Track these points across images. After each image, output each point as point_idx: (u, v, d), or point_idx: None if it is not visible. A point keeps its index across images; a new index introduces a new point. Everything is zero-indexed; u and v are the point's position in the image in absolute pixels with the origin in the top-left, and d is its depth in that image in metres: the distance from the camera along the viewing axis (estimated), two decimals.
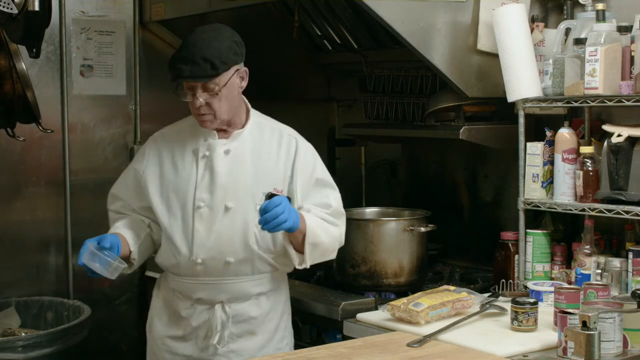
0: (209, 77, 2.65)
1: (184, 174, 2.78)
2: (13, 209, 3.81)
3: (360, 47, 4.02)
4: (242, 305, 2.79)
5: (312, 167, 2.84)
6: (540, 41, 3.21)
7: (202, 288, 2.77)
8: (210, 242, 2.73)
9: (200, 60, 2.63)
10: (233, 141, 2.78)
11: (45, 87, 3.82)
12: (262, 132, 2.83)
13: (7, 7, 3.01)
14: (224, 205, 2.73)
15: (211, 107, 2.69)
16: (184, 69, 2.64)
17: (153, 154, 2.85)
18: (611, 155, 2.87)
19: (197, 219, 2.74)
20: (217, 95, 2.68)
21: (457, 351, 2.50)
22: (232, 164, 2.76)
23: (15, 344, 3.23)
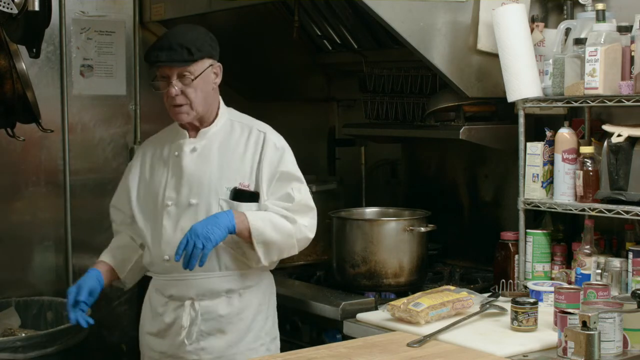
0: (185, 62, 2.71)
1: (158, 175, 2.87)
2: (13, 209, 3.82)
3: (360, 47, 4.02)
4: (211, 302, 2.82)
5: (278, 161, 2.84)
6: (540, 41, 3.21)
7: (173, 285, 2.83)
8: (175, 238, 2.76)
9: (177, 46, 2.71)
10: (201, 139, 2.84)
11: (45, 87, 3.82)
12: (232, 128, 2.88)
13: (7, 7, 3.01)
14: (188, 201, 2.79)
15: (187, 96, 2.74)
16: (161, 54, 2.71)
17: (137, 163, 2.95)
18: (611, 155, 2.87)
19: (165, 217, 2.81)
20: (192, 85, 2.73)
21: (457, 351, 2.50)
22: (198, 161, 2.82)
23: (15, 344, 3.23)
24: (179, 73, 2.72)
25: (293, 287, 3.39)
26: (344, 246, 3.35)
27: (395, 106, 3.73)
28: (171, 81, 2.73)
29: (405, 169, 4.20)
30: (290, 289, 3.31)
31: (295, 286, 3.41)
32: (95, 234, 3.97)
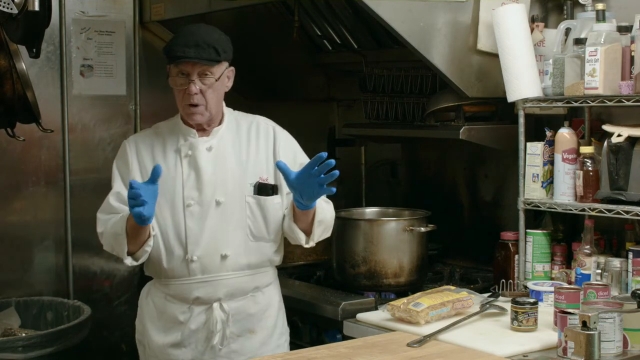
0: (212, 61, 2.68)
1: (169, 174, 2.76)
2: (13, 209, 3.82)
3: (360, 47, 4.02)
4: (240, 302, 2.79)
5: (294, 153, 2.87)
6: (540, 41, 3.21)
7: (198, 287, 2.76)
8: (203, 238, 2.73)
9: (204, 44, 2.67)
10: (213, 138, 2.80)
11: (45, 87, 3.82)
12: (238, 126, 2.86)
13: (7, 7, 3.01)
14: (215, 200, 2.74)
15: (204, 97, 2.71)
16: (188, 51, 2.65)
17: (133, 160, 2.82)
18: (611, 155, 2.87)
19: (189, 217, 2.74)
20: (212, 86, 2.71)
21: (457, 351, 2.50)
22: (216, 160, 2.78)
23: (15, 344, 3.23)
24: (200, 72, 2.69)
25: (293, 287, 3.39)
26: (344, 246, 3.35)
27: (395, 106, 3.73)
28: (192, 79, 2.69)
29: (405, 169, 4.20)
30: (290, 289, 3.31)
31: (295, 286, 3.41)
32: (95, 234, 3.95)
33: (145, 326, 2.88)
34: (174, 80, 2.73)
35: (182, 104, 2.75)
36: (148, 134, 2.89)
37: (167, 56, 2.72)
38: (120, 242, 2.70)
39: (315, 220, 2.74)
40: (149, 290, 2.90)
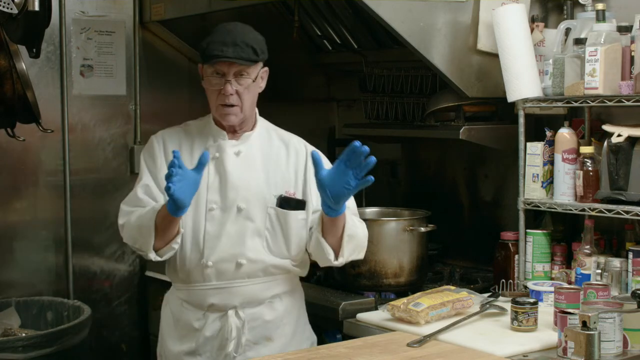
0: (251, 62, 2.62)
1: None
2: (13, 209, 3.81)
3: (360, 47, 4.02)
4: (256, 309, 2.71)
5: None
6: (540, 41, 3.21)
7: (214, 293, 2.68)
8: (220, 243, 2.66)
9: (243, 44, 2.60)
10: (243, 143, 2.73)
11: (45, 87, 3.82)
12: (270, 139, 2.79)
13: (7, 7, 3.01)
14: (236, 206, 2.67)
15: (240, 97, 2.64)
16: (227, 50, 2.58)
17: (160, 154, 2.74)
18: (611, 155, 2.87)
19: (209, 221, 2.67)
20: (248, 87, 2.64)
21: (457, 351, 2.50)
22: (243, 166, 2.70)
23: (15, 344, 3.23)
24: (236, 72, 2.62)
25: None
26: None
27: (395, 106, 3.73)
28: (228, 79, 2.61)
29: (405, 169, 4.20)
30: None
31: None
32: (95, 234, 3.97)
33: (163, 336, 2.82)
34: (209, 81, 2.65)
35: (216, 104, 2.67)
36: (176, 131, 2.81)
37: (204, 55, 2.64)
38: (146, 235, 2.61)
39: (344, 235, 2.63)
40: (168, 298, 2.85)
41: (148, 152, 2.78)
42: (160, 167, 2.71)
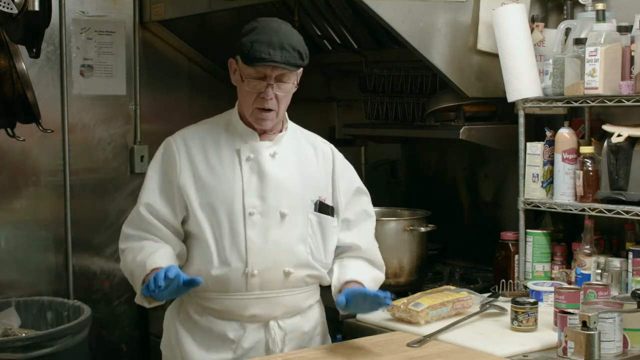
0: (298, 67, 2.48)
1: (226, 177, 2.52)
2: (13, 209, 3.81)
3: (360, 47, 4.02)
4: (295, 319, 2.59)
5: (351, 176, 2.72)
6: (540, 41, 3.21)
7: (256, 303, 2.51)
8: (266, 251, 2.49)
9: (289, 47, 2.43)
10: (277, 144, 2.58)
11: (45, 87, 3.82)
12: (298, 139, 2.66)
13: (7, 7, 3.01)
14: (279, 211, 2.51)
15: (278, 102, 2.49)
16: (275, 53, 2.41)
17: (184, 158, 2.54)
18: (611, 155, 2.87)
19: (250, 226, 2.49)
20: (287, 92, 2.51)
21: (457, 351, 2.50)
22: (280, 168, 2.55)
23: (15, 344, 3.23)
24: (278, 76, 2.45)
25: None
26: None
27: (395, 106, 3.73)
28: (270, 82, 2.45)
29: (405, 169, 4.20)
30: None
31: None
32: (95, 234, 3.97)
33: (181, 348, 2.57)
34: (250, 82, 2.47)
35: (252, 106, 2.50)
36: (196, 130, 2.62)
37: (247, 55, 2.44)
38: (135, 282, 2.50)
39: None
40: (182, 307, 2.61)
41: (163, 159, 2.58)
42: (181, 172, 2.52)
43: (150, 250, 2.50)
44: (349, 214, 2.68)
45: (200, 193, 2.51)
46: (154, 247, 2.52)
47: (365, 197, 2.76)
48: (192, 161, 2.53)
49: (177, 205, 2.53)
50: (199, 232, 2.51)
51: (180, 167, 2.52)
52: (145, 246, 2.52)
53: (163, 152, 2.59)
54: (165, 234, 2.54)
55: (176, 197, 2.52)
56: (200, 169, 2.53)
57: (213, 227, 2.50)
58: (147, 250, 2.50)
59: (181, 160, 2.53)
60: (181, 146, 2.56)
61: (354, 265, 2.66)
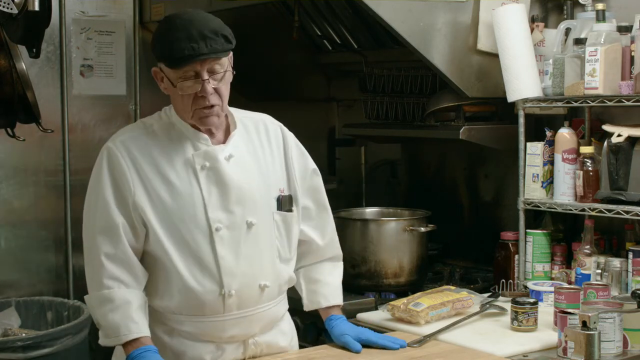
0: (226, 51, 2.23)
1: (184, 192, 2.27)
2: (13, 209, 3.81)
3: (360, 47, 4.02)
4: (271, 335, 2.45)
5: (305, 158, 2.52)
6: (540, 41, 3.21)
7: (235, 324, 2.33)
8: (240, 267, 2.30)
9: (211, 33, 2.18)
10: (228, 144, 2.34)
11: (45, 87, 3.82)
12: (246, 128, 2.41)
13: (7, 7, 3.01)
14: (246, 221, 2.31)
15: (219, 94, 2.25)
16: (198, 46, 2.16)
17: (133, 170, 2.26)
18: (611, 155, 2.87)
19: (219, 243, 2.27)
20: (224, 80, 2.25)
21: (457, 351, 2.50)
22: (239, 172, 2.33)
23: (15, 344, 3.23)
24: (209, 68, 2.21)
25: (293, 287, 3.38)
26: (344, 246, 3.31)
27: (395, 106, 3.73)
28: (204, 78, 2.20)
29: (405, 169, 4.20)
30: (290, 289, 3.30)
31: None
32: None
33: None
34: (183, 85, 2.22)
35: (191, 109, 2.25)
36: (138, 134, 2.33)
37: (170, 59, 2.20)
38: (110, 337, 2.29)
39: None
40: (150, 327, 2.31)
41: (111, 173, 2.26)
42: (135, 191, 2.24)
43: (125, 307, 2.24)
44: (307, 201, 2.51)
45: (158, 211, 2.26)
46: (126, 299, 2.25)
47: (319, 179, 2.57)
48: (143, 174, 2.26)
49: (137, 227, 2.26)
50: (163, 255, 2.27)
51: (133, 182, 2.25)
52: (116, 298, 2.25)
53: (108, 165, 2.28)
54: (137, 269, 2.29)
55: (134, 217, 2.26)
56: (153, 182, 2.26)
57: (178, 248, 2.26)
58: (123, 307, 2.24)
59: (131, 173, 2.26)
60: (126, 156, 2.27)
61: (323, 279, 2.59)
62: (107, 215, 2.26)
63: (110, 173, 2.27)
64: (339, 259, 2.66)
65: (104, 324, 2.27)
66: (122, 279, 2.26)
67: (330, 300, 2.58)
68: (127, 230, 2.26)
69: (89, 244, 2.31)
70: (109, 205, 2.26)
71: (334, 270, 2.63)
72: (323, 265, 2.61)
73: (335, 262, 2.65)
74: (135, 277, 2.28)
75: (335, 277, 2.63)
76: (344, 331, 2.51)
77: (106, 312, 2.25)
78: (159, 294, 2.32)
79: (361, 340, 2.48)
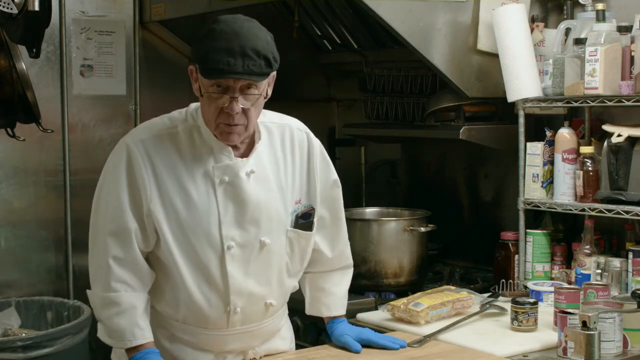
0: (264, 76, 2.11)
1: (200, 205, 2.20)
2: (13, 209, 3.81)
3: (360, 47, 4.02)
4: (270, 342, 2.45)
5: (329, 169, 2.46)
6: (540, 41, 3.21)
7: (237, 338, 2.33)
8: (247, 286, 2.27)
9: (253, 53, 2.07)
10: (250, 158, 2.25)
11: (45, 87, 3.81)
12: (271, 136, 2.32)
13: (7, 7, 3.01)
14: (259, 240, 2.26)
15: (246, 116, 2.14)
16: (235, 63, 2.04)
17: (151, 174, 2.18)
18: (611, 155, 2.87)
19: (230, 262, 2.22)
20: (257, 103, 2.15)
21: (457, 351, 2.50)
22: (258, 189, 2.25)
23: (15, 344, 3.23)
24: (243, 86, 2.10)
25: None
26: None
27: (395, 106, 3.73)
28: (234, 95, 2.09)
29: (405, 169, 4.20)
30: None
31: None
32: None
33: None
34: (210, 95, 2.11)
35: (215, 120, 2.15)
36: (160, 136, 2.21)
37: (203, 67, 2.09)
38: (115, 339, 2.32)
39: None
40: (153, 328, 2.30)
41: (129, 174, 2.18)
42: (152, 195, 2.18)
43: (130, 312, 2.23)
44: (323, 211, 2.46)
45: (171, 221, 2.20)
46: (131, 304, 2.23)
47: (339, 190, 2.52)
48: (161, 181, 2.19)
49: (149, 234, 2.22)
50: (171, 264, 2.22)
51: (150, 188, 2.18)
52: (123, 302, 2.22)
53: (127, 165, 2.19)
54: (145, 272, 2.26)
55: (147, 223, 2.20)
56: (171, 192, 2.19)
57: (188, 260, 2.22)
58: (128, 312, 2.23)
59: (149, 179, 2.18)
60: (146, 160, 2.18)
61: (328, 288, 2.58)
62: (120, 219, 2.19)
63: (128, 174, 2.19)
64: (349, 267, 2.65)
65: (108, 325, 2.27)
66: (129, 283, 2.22)
67: (332, 311, 2.59)
68: (139, 235, 2.20)
69: (97, 244, 2.24)
70: (124, 209, 2.19)
71: (342, 280, 2.62)
72: (331, 274, 2.60)
73: (344, 270, 2.63)
74: (142, 280, 2.24)
75: (342, 287, 2.62)
76: (344, 332, 2.52)
77: (112, 315, 2.24)
78: (165, 301, 2.29)
79: (361, 341, 2.49)
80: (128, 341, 2.23)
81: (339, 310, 2.59)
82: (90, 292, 2.29)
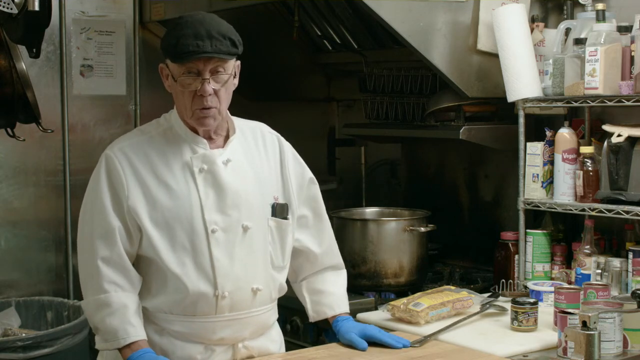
0: (231, 55, 2.27)
1: (181, 192, 2.31)
2: (13, 209, 3.81)
3: (360, 47, 4.02)
4: (261, 341, 2.46)
5: (301, 167, 2.55)
6: (540, 41, 3.21)
7: (225, 326, 2.35)
8: (234, 270, 2.33)
9: (219, 35, 2.24)
10: (226, 149, 2.38)
11: (45, 87, 3.82)
12: (245, 137, 2.45)
13: (7, 7, 3.01)
14: (241, 225, 2.34)
15: (218, 97, 2.28)
16: (204, 44, 2.22)
17: (130, 175, 2.31)
18: (611, 155, 2.87)
19: (214, 245, 2.31)
20: (226, 85, 2.29)
21: (457, 351, 2.50)
22: (236, 176, 2.36)
23: (15, 344, 3.23)
24: (213, 69, 2.26)
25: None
26: (344, 246, 3.33)
27: (395, 106, 3.73)
28: (205, 77, 2.25)
29: (405, 169, 4.20)
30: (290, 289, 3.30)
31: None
32: None
33: None
34: (183, 81, 2.27)
35: (191, 108, 2.29)
36: (137, 141, 2.36)
37: (174, 53, 2.25)
38: (108, 341, 2.31)
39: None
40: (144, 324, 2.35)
41: (109, 178, 2.31)
42: (133, 196, 2.29)
43: (121, 311, 2.28)
44: (305, 210, 2.55)
45: (153, 213, 2.29)
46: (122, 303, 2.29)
47: (317, 188, 2.59)
48: (140, 178, 2.31)
49: (132, 231, 2.31)
50: (155, 256, 2.29)
51: (128, 187, 2.29)
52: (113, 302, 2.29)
53: (106, 171, 2.33)
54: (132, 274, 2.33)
55: (128, 221, 2.30)
56: (150, 186, 2.30)
57: (173, 249, 2.30)
58: (119, 311, 2.28)
59: (127, 179, 2.30)
60: (124, 162, 2.31)
61: (326, 289, 2.62)
62: (104, 220, 2.32)
63: (107, 179, 2.32)
64: (340, 267, 2.67)
65: (101, 328, 2.30)
66: (118, 283, 2.30)
67: (336, 309, 2.60)
68: (123, 234, 2.31)
69: (85, 250, 2.37)
70: (106, 210, 2.32)
71: (337, 280, 2.65)
72: (324, 275, 2.63)
73: (337, 270, 2.66)
74: (130, 280, 2.32)
75: (339, 287, 2.65)
76: (349, 329, 2.54)
77: (104, 316, 2.29)
78: (152, 293, 2.35)
79: (366, 336, 2.50)
80: (122, 339, 2.27)
81: (342, 308, 2.61)
82: (83, 302, 2.38)
